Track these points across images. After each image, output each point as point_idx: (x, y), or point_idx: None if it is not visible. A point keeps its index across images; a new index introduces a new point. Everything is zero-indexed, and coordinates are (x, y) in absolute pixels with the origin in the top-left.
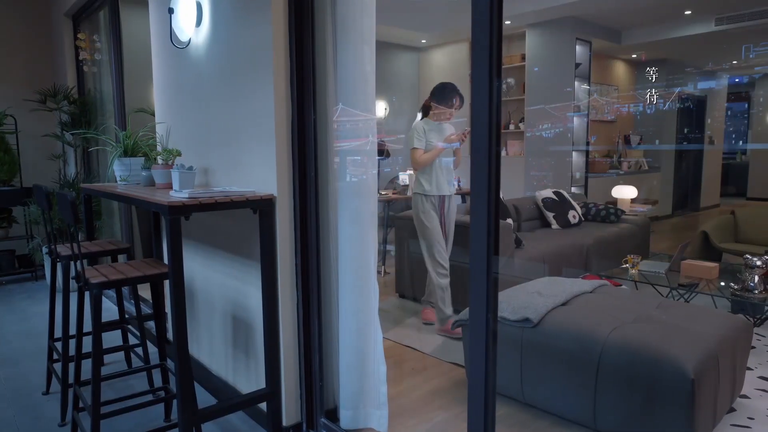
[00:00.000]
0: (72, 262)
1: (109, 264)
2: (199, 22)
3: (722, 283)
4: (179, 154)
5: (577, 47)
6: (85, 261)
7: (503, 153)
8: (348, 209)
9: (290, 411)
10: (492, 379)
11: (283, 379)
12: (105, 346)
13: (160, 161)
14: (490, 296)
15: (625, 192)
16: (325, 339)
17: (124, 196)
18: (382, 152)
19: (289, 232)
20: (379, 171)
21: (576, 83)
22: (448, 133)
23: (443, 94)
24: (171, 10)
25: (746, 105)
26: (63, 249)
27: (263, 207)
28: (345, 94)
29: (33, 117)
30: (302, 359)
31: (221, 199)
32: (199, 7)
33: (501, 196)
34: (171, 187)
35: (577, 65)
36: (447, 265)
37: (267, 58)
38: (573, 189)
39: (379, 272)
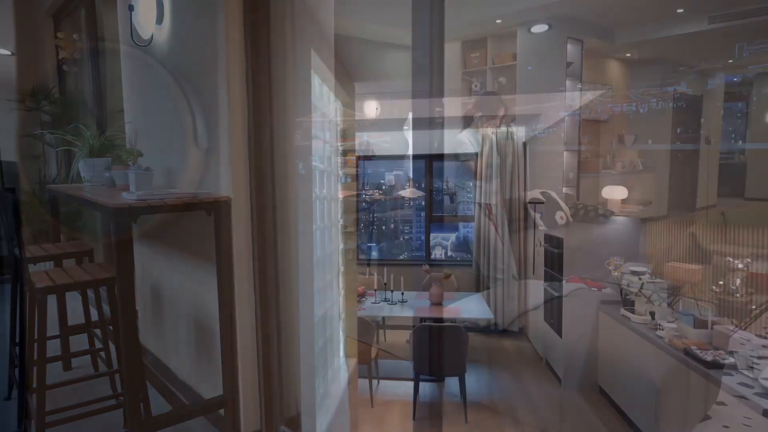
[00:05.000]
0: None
1: (61, 268)
2: (160, 20)
3: (710, 286)
4: (140, 155)
5: (569, 46)
6: (51, 263)
7: None
8: (309, 211)
9: (249, 418)
10: None
11: (241, 385)
12: (73, 348)
13: (130, 162)
14: None
15: (616, 192)
16: (285, 344)
17: (77, 198)
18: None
19: (245, 235)
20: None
21: (568, 82)
22: None
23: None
24: (131, 7)
25: (741, 104)
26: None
27: (218, 209)
28: (303, 94)
29: (14, 117)
30: (261, 365)
31: (172, 201)
32: (160, 3)
33: None
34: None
35: (569, 64)
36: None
37: (222, 57)
38: (565, 189)
39: (363, 274)
